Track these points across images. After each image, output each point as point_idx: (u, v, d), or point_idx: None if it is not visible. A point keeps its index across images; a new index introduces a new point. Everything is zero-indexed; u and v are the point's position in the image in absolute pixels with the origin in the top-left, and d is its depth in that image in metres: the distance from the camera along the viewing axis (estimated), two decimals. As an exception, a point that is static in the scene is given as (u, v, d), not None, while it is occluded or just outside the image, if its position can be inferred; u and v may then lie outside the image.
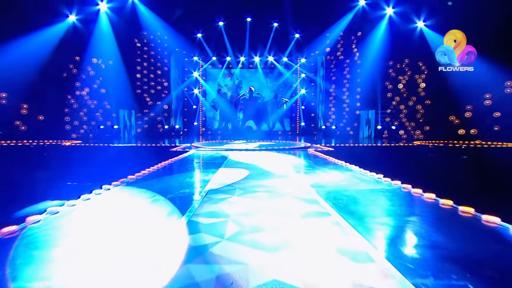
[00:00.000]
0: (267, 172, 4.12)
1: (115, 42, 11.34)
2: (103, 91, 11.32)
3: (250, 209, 2.42)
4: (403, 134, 11.22)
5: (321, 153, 6.36)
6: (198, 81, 15.05)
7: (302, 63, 14.83)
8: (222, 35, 13.72)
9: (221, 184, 3.34)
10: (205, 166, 4.73)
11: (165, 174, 4.01)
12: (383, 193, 2.95)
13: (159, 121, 12.92)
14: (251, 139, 10.68)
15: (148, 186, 3.22)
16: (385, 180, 3.52)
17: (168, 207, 2.48)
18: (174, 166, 4.69)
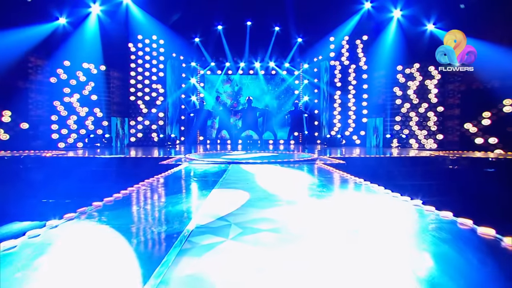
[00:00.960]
0: (271, 195, 3.28)
1: (107, 46, 10.62)
2: (94, 97, 10.54)
3: (252, 269, 1.57)
4: (414, 143, 10.39)
5: (331, 167, 5.53)
6: (196, 88, 14.32)
7: (305, 68, 14.16)
8: (221, 40, 13.09)
9: (212, 216, 2.49)
10: (195, 186, 3.89)
11: (142, 199, 3.17)
12: (449, 238, 2.09)
13: (154, 129, 12.11)
14: (251, 150, 9.87)
15: (113, 219, 2.38)
16: (427, 209, 2.67)
17: (125, 264, 1.63)
18: (157, 186, 3.84)
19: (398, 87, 10.73)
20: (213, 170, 5.26)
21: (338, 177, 4.53)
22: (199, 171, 5.21)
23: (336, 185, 4.00)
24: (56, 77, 9.79)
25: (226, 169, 5.35)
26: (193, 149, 10.44)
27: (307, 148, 9.87)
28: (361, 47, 11.75)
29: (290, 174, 4.91)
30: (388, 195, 3.28)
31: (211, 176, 4.69)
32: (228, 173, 4.84)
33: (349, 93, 11.96)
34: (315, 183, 4.06)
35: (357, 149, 10.23)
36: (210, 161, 6.34)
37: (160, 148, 10.96)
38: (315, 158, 6.91)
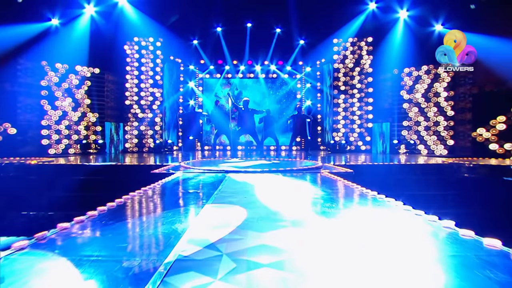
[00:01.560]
0: (272, 213, 2.82)
1: (102, 49, 10.25)
2: (87, 101, 10.14)
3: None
4: (423, 149, 9.92)
5: (337, 176, 5.07)
6: (194, 92, 13.93)
7: (307, 72, 13.77)
8: (220, 42, 12.70)
9: (200, 242, 2.04)
10: (186, 200, 3.43)
11: (121, 217, 2.71)
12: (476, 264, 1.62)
13: (150, 135, 11.68)
14: (251, 157, 9.41)
15: (76, 248, 1.92)
16: (462, 232, 2.21)
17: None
18: (142, 201, 3.39)
19: (405, 90, 10.31)
20: (208, 180, 4.81)
21: (346, 188, 4.07)
22: (192, 181, 4.76)
23: (346, 199, 3.54)
24: (47, 80, 9.40)
25: (223, 179, 4.90)
26: (191, 156, 10.00)
27: (310, 154, 9.42)
28: (366, 49, 11.39)
29: (293, 185, 4.45)
30: (409, 212, 2.81)
31: (205, 187, 4.24)
32: (225, 184, 4.38)
33: (354, 97, 11.56)
34: (322, 196, 3.59)
35: (363, 155, 9.77)
36: (206, 169, 5.89)
37: (156, 154, 10.53)
38: (320, 166, 6.45)
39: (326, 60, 12.69)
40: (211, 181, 4.71)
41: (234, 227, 2.40)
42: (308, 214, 2.80)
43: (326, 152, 11.94)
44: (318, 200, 3.39)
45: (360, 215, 2.81)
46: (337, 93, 11.78)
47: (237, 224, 2.46)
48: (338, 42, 11.74)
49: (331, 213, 2.82)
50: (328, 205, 3.14)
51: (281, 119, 13.61)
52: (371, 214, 2.85)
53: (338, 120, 11.80)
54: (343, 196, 3.69)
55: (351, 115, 11.62)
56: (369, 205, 3.19)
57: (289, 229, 2.35)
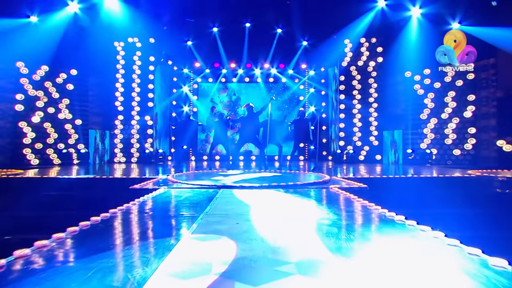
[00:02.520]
0: (272, 249, 2.16)
1: (87, 49, 9.68)
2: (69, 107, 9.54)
3: None
4: (442, 160, 9.26)
5: (350, 193, 4.40)
6: (188, 97, 13.38)
7: (310, 75, 13.25)
8: (217, 43, 12.17)
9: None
10: (159, 229, 2.78)
11: (61, 257, 2.04)
12: None
13: (139, 144, 11.07)
14: (250, 168, 8.76)
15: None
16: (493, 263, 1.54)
17: None
18: (104, 228, 2.72)
19: (419, 94, 9.71)
20: (196, 199, 4.15)
21: (365, 211, 3.40)
22: (177, 200, 4.10)
23: (367, 226, 2.88)
24: (22, 83, 8.82)
25: (214, 196, 4.25)
26: (184, 167, 9.38)
27: (315, 166, 8.79)
28: (375, 50, 10.83)
29: (298, 205, 3.78)
30: (457, 245, 2.15)
31: (191, 208, 3.58)
32: (215, 204, 3.72)
33: (362, 102, 10.99)
34: (335, 222, 2.93)
35: (373, 166, 9.12)
36: (196, 184, 5.25)
37: (145, 165, 9.93)
38: (328, 180, 5.79)
39: (331, 63, 12.19)
40: (200, 200, 4.06)
41: (215, 275, 1.73)
42: (320, 252, 2.13)
43: (333, 162, 11.32)
44: (331, 228, 2.72)
45: (389, 251, 2.14)
46: (344, 98, 11.20)
47: (221, 270, 1.80)
48: (344, 43, 11.20)
49: (351, 250, 2.15)
50: (345, 236, 2.47)
51: (283, 126, 13.00)
52: (403, 249, 2.18)
53: (345, 127, 11.19)
54: (362, 222, 3.02)
55: (359, 122, 11.04)
56: (397, 234, 2.52)
57: (295, 279, 1.69)
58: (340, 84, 11.24)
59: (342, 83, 11.19)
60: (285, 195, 4.37)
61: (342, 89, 11.20)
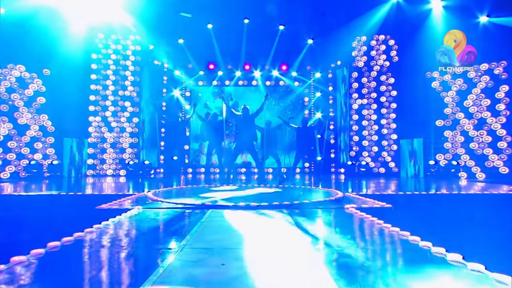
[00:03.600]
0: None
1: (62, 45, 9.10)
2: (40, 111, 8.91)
3: None
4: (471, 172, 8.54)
5: (372, 215, 3.69)
6: (180, 102, 12.83)
7: (316, 78, 12.69)
8: (212, 42, 11.63)
9: None
10: (112, 275, 2.06)
11: None
12: None
13: (122, 154, 10.44)
14: (247, 182, 8.05)
15: None
16: None
17: None
18: (29, 272, 2.02)
19: (443, 97, 9.11)
20: (175, 223, 3.47)
21: (405, 246, 2.68)
22: (149, 225, 3.40)
23: (408, 268, 2.16)
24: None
25: (199, 219, 3.56)
26: (174, 181, 8.68)
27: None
28: (390, 48, 10.33)
29: (306, 233, 3.07)
30: None
31: (164, 238, 2.89)
32: (198, 231, 3.03)
33: (376, 107, 10.45)
34: (360, 262, 2.21)
35: (391, 181, 8.44)
36: (179, 204, 4.56)
37: (128, 179, 9.31)
38: (341, 197, 5.09)
39: (340, 63, 11.69)
40: (179, 225, 3.36)
41: None
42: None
43: (342, 175, 10.66)
44: (355, 274, 2.00)
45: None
46: (356, 102, 10.62)
47: None
48: (356, 41, 10.73)
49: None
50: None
51: (285, 136, 12.39)
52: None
53: (356, 135, 10.60)
54: (398, 262, 2.30)
55: (373, 130, 10.48)
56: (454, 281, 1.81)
57: None
58: (351, 87, 10.69)
59: (353, 86, 10.64)
60: (290, 219, 3.66)
61: (353, 93, 10.64)
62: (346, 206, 4.36)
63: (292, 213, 4.00)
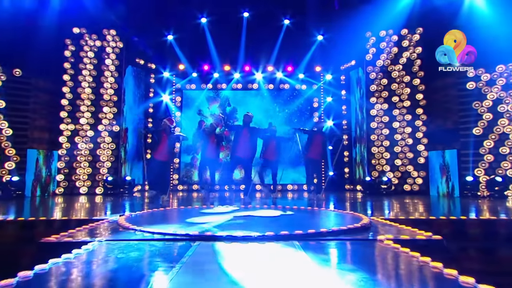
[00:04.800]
0: None
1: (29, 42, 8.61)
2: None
3: None
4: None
5: (422, 254, 2.86)
6: (169, 109, 12.38)
7: (327, 80, 12.22)
8: (206, 39, 11.33)
9: None
10: None
11: None
12: None
13: (100, 169, 9.78)
14: (247, 203, 7.27)
15: None
16: None
17: None
18: None
19: (483, 100, 8.45)
20: (144, 267, 2.66)
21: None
22: (105, 271, 2.57)
23: None
24: None
25: (180, 258, 2.77)
26: (159, 199, 8.04)
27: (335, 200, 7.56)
28: (416, 44, 9.89)
29: (330, 282, 2.24)
30: None
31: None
32: (175, 279, 2.21)
33: (398, 114, 9.98)
34: None
35: (421, 201, 7.72)
36: (156, 233, 3.76)
37: (105, 197, 8.70)
38: (367, 224, 4.28)
39: (356, 63, 11.31)
40: (150, 270, 2.56)
41: None
42: None
43: (360, 194, 10.02)
44: None
45: None
46: (372, 108, 10.19)
47: None
48: (373, 36, 10.35)
49: None
50: None
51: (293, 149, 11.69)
52: None
53: (375, 146, 10.12)
54: None
55: (395, 140, 9.97)
56: None
57: None
58: (367, 90, 10.25)
59: (369, 89, 10.21)
60: (304, 255, 2.85)
61: (371, 97, 10.20)
62: (380, 237, 3.54)
63: (306, 247, 3.21)
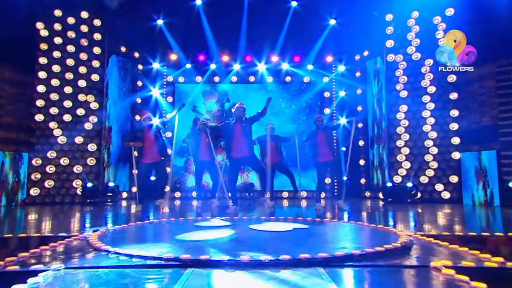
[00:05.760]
0: None
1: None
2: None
3: None
4: None
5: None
6: (159, 105, 12.06)
7: (340, 72, 11.91)
8: (202, 24, 10.89)
9: None
10: None
11: None
12: None
13: (79, 174, 9.46)
14: (251, 214, 6.67)
15: None
16: None
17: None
18: None
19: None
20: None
21: None
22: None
23: None
24: None
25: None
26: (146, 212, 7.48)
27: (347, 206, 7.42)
28: (445, 28, 9.46)
29: None
30: None
31: None
32: None
33: (423, 108, 9.64)
34: None
35: (457, 212, 7.25)
36: (137, 256, 3.13)
37: (83, 207, 8.31)
38: (407, 243, 3.63)
39: (373, 51, 10.91)
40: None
41: None
42: None
43: (381, 202, 9.54)
44: None
45: None
46: (392, 102, 9.87)
47: None
48: (394, 20, 9.97)
49: None
50: None
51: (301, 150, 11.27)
52: None
53: (397, 146, 9.71)
54: None
55: (421, 139, 9.55)
56: None
57: None
58: (388, 82, 9.92)
59: (390, 81, 9.90)
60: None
61: (390, 90, 9.89)
62: (434, 263, 2.88)
63: (336, 277, 2.57)
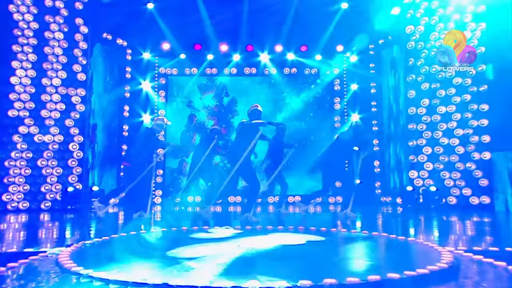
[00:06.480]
0: None
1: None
2: None
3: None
4: None
5: None
6: (150, 100, 11.93)
7: (351, 63, 11.75)
8: (197, 9, 10.46)
9: None
10: None
11: None
12: None
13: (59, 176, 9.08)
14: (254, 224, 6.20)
15: None
16: None
17: None
18: None
19: None
20: None
21: None
22: None
23: None
24: None
25: None
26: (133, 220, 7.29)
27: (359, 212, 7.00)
28: (473, 12, 9.28)
29: None
30: None
31: None
32: None
33: (448, 102, 9.39)
34: None
35: (490, 220, 6.99)
36: (115, 282, 2.70)
37: (64, 216, 7.93)
38: (454, 263, 3.15)
39: (389, 39, 10.71)
40: None
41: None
42: None
43: (400, 208, 9.31)
44: None
45: None
46: (413, 97, 9.54)
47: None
48: (413, 3, 9.62)
49: None
50: None
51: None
52: None
53: (418, 146, 9.41)
54: None
55: (445, 138, 9.27)
56: None
57: None
58: (406, 72, 9.64)
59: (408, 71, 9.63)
60: None
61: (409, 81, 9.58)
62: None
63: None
